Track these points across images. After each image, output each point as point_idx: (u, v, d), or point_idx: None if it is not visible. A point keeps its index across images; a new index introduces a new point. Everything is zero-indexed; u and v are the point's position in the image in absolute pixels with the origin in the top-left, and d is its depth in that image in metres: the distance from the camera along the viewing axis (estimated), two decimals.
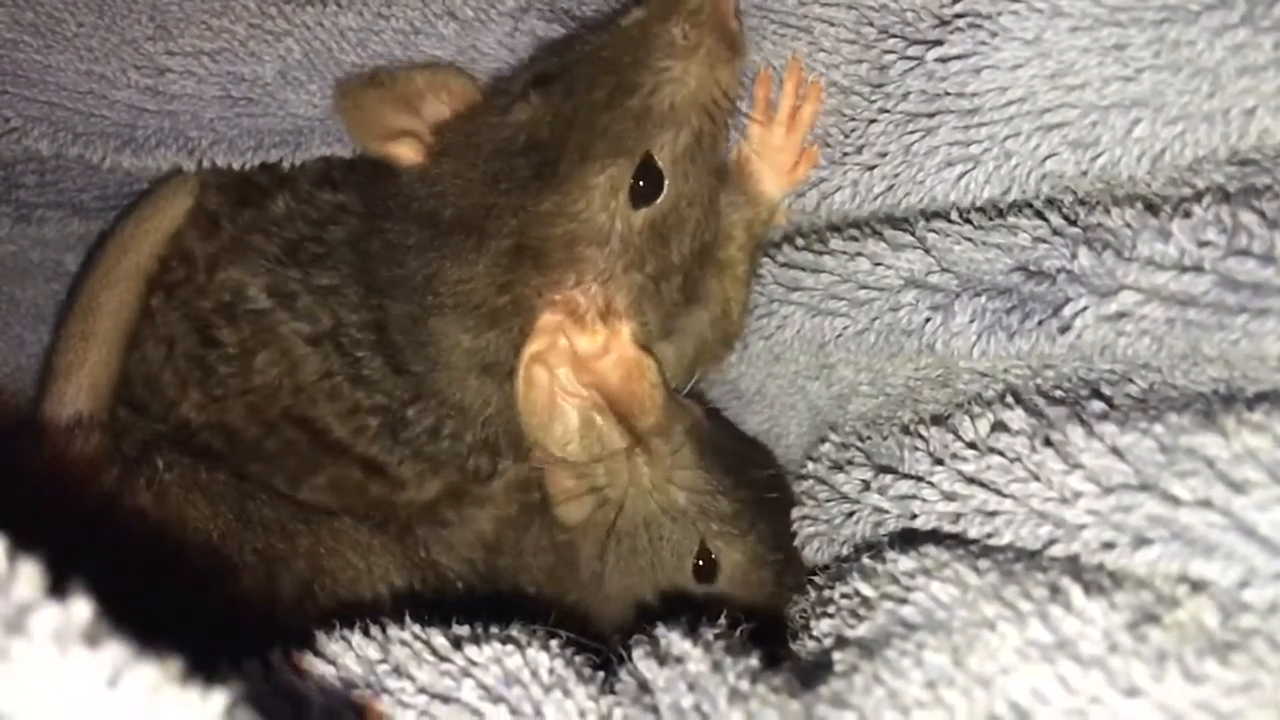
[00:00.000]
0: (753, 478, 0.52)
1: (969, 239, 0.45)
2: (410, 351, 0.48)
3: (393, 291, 0.48)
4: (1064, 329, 0.39)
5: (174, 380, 0.52)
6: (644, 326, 0.47)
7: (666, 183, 0.46)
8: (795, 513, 0.50)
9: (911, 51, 0.44)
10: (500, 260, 0.45)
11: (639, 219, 0.45)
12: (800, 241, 0.53)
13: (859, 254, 0.49)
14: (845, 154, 0.48)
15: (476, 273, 0.45)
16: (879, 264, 0.47)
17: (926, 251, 0.46)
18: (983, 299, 0.43)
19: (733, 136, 0.51)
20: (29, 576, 0.21)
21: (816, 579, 0.46)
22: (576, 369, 0.45)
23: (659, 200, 0.45)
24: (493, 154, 0.46)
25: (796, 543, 0.49)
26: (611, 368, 0.46)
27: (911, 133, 0.45)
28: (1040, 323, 0.40)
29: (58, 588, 0.22)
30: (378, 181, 0.51)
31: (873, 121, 0.47)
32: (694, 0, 0.45)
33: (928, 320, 0.45)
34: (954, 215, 0.46)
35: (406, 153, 0.49)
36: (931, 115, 0.44)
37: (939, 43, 0.43)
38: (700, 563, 0.50)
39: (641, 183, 0.45)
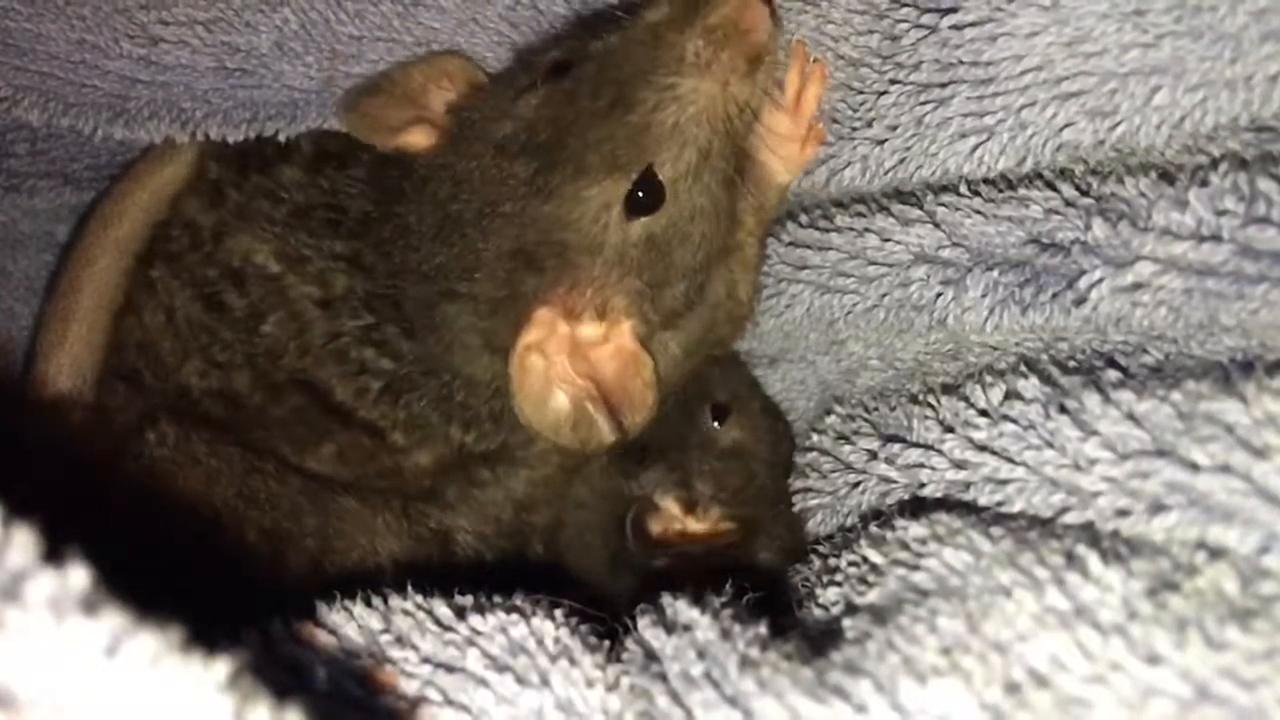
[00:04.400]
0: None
1: (979, 212, 0.44)
2: (423, 328, 0.48)
3: (407, 274, 0.48)
4: (1079, 301, 0.39)
5: (175, 347, 0.51)
6: (646, 324, 0.46)
7: (667, 197, 0.44)
8: (798, 484, 0.50)
9: (925, 20, 0.43)
10: (501, 260, 0.45)
11: (636, 230, 0.44)
12: (805, 219, 0.52)
13: (867, 230, 0.48)
14: (854, 129, 0.47)
15: (481, 267, 0.45)
16: (888, 240, 0.47)
17: (936, 226, 0.45)
18: (995, 273, 0.42)
19: None
20: (23, 542, 0.21)
21: (820, 549, 0.45)
22: (573, 357, 0.45)
23: (658, 213, 0.44)
24: (497, 151, 0.45)
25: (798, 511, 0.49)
26: (609, 357, 0.45)
27: (924, 104, 0.44)
28: (1055, 295, 0.40)
29: (54, 556, 0.21)
30: (388, 165, 0.50)
31: (883, 94, 0.46)
32: (714, 15, 0.43)
33: (939, 295, 0.44)
34: (963, 189, 0.45)
35: (420, 140, 0.48)
36: (945, 85, 0.43)
37: (953, 10, 0.42)
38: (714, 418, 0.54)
39: (640, 194, 0.44)
